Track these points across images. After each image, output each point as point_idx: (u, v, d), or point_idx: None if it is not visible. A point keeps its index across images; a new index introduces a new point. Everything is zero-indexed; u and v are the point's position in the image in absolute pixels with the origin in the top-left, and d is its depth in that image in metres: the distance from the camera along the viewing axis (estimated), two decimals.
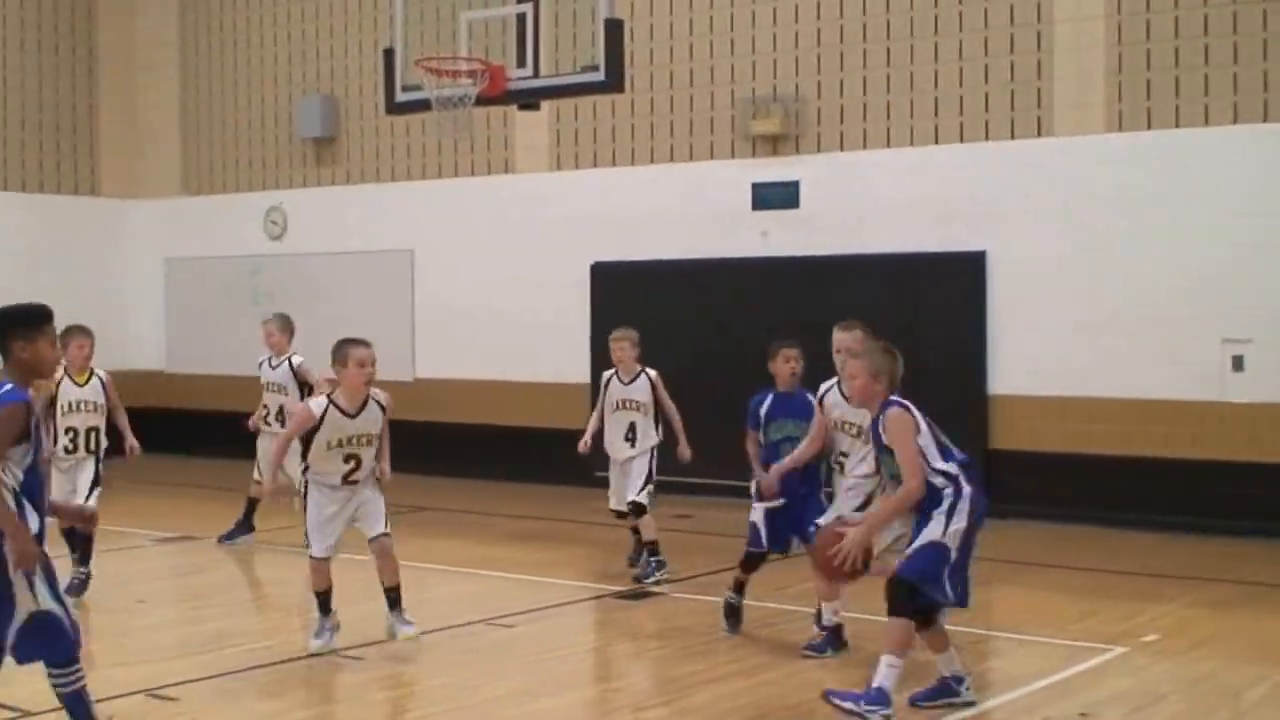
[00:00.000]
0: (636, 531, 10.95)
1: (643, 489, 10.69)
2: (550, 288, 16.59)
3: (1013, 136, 13.90)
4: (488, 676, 7.95)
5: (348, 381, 8.32)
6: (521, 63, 12.16)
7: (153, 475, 16.87)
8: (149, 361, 20.01)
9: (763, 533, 8.61)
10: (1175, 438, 13.12)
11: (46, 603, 5.92)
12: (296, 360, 12.66)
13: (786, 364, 8.70)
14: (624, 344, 10.91)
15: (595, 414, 11.13)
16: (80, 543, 10.21)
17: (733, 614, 8.89)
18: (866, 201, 14.63)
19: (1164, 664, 8.30)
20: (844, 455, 8.18)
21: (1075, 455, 13.52)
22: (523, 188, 17.00)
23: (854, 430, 8.05)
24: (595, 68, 11.95)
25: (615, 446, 10.91)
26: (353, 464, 8.38)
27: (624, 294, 15.75)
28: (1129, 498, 13.26)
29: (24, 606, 5.86)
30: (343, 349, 8.38)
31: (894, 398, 6.99)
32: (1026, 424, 13.66)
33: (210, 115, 19.93)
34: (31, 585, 5.86)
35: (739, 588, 8.90)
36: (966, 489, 6.88)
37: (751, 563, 8.78)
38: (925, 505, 6.86)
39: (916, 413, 6.96)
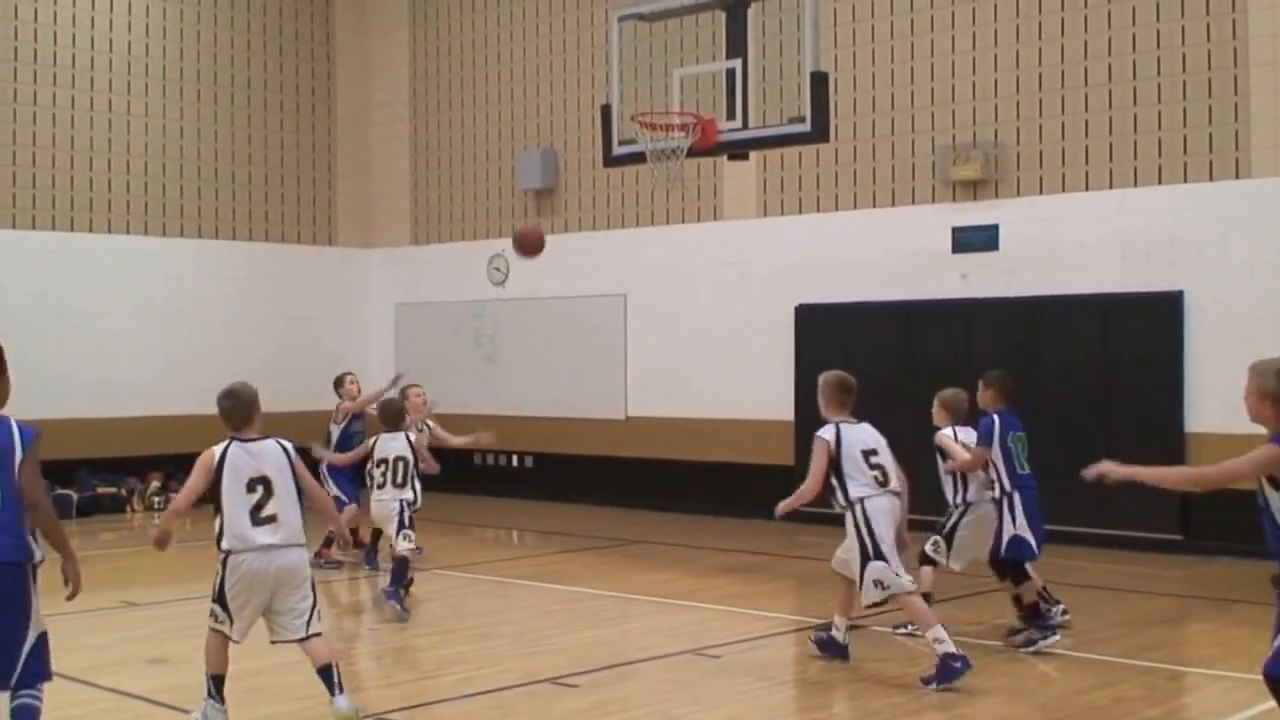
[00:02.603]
0: None
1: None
2: (756, 329, 17.07)
3: (1211, 178, 14.03)
4: (696, 705, 8.08)
5: None
6: (731, 115, 12.54)
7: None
8: None
9: None
10: None
11: (43, 624, 6.14)
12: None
13: None
14: None
15: None
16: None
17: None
18: (1065, 243, 14.87)
19: None
20: None
21: None
22: (730, 234, 17.53)
23: None
24: (801, 119, 12.30)
25: None
26: None
27: (827, 335, 16.20)
28: None
29: (38, 627, 6.08)
30: None
31: None
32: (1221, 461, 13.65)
33: (438, 169, 20.93)
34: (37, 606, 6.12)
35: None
36: None
37: None
38: None
39: None
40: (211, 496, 7.29)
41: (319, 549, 12.58)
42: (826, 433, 8.90)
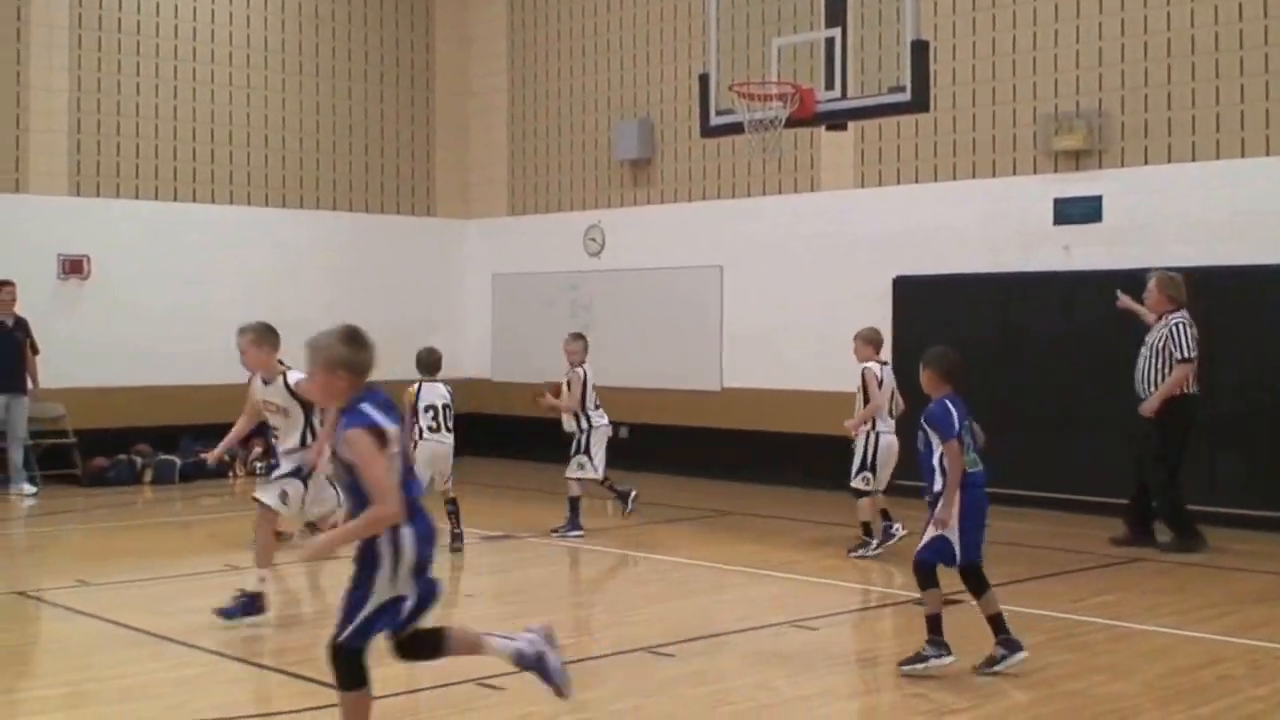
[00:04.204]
0: None
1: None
2: (853, 301, 16.85)
3: None
4: (793, 676, 8.05)
5: None
6: (830, 85, 12.52)
7: (477, 477, 17.83)
8: (478, 370, 21.33)
9: None
10: None
11: None
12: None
13: None
14: None
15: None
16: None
17: None
18: (1170, 215, 14.62)
19: None
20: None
21: None
22: (827, 205, 17.45)
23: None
24: (901, 88, 12.25)
25: None
26: None
27: (925, 308, 16.08)
28: None
29: None
30: None
31: None
32: None
33: (535, 140, 21.06)
34: None
35: None
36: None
37: None
38: None
39: None
40: None
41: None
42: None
